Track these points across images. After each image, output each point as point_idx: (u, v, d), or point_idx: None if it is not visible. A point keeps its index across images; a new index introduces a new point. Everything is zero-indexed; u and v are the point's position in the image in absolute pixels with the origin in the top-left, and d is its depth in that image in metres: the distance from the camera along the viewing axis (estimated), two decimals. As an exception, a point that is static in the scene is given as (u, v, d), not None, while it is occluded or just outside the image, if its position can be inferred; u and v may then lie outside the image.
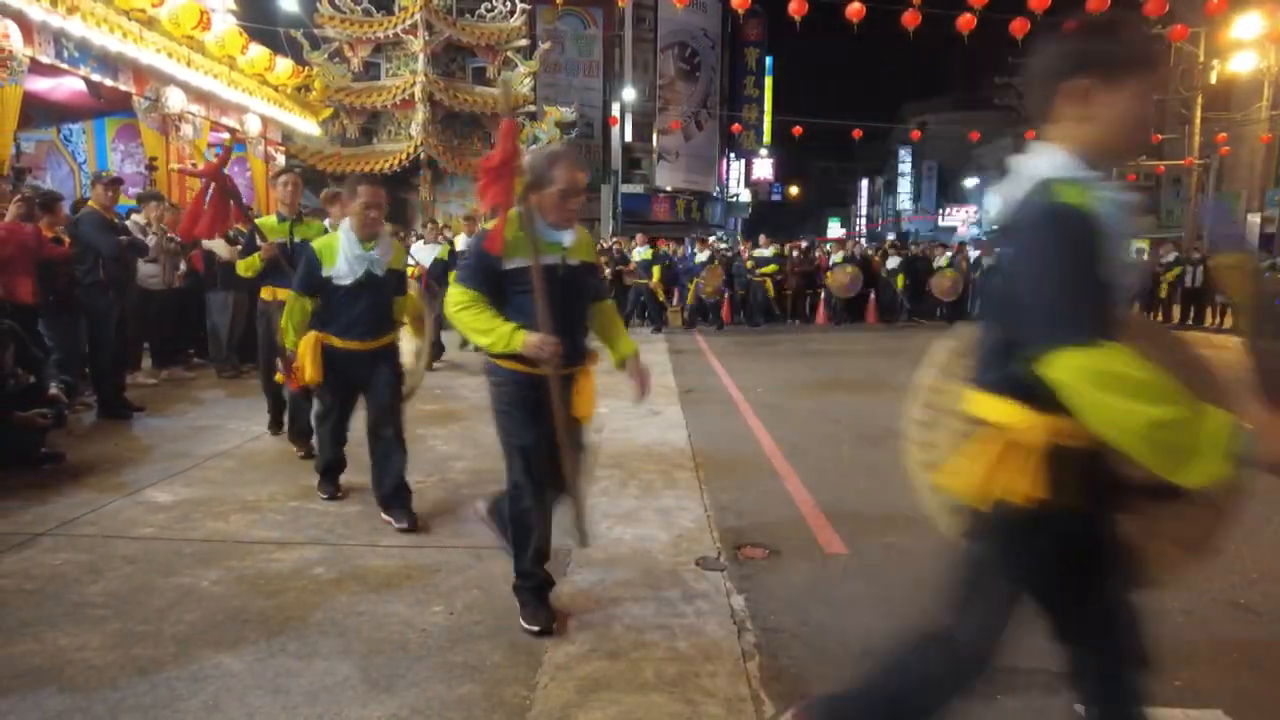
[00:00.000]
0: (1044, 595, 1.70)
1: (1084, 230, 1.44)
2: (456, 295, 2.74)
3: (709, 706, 2.39)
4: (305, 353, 3.85)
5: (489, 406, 2.90)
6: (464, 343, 10.43)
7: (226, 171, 5.41)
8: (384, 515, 3.94)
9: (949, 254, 16.76)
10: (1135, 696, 1.70)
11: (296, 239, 5.06)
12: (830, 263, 16.07)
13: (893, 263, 16.55)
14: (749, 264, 15.54)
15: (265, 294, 5.19)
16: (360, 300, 3.84)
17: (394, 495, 3.93)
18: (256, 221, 5.19)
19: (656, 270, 14.08)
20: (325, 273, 3.80)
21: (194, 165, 9.56)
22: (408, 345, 4.54)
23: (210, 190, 5.20)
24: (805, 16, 13.46)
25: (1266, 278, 2.17)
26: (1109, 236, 1.46)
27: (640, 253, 14.48)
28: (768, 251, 15.72)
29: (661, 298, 14.17)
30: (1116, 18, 1.61)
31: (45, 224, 6.06)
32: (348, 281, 3.80)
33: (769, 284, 15.37)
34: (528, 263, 2.67)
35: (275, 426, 5.61)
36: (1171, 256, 16.87)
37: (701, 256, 15.41)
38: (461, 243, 10.43)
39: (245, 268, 5.14)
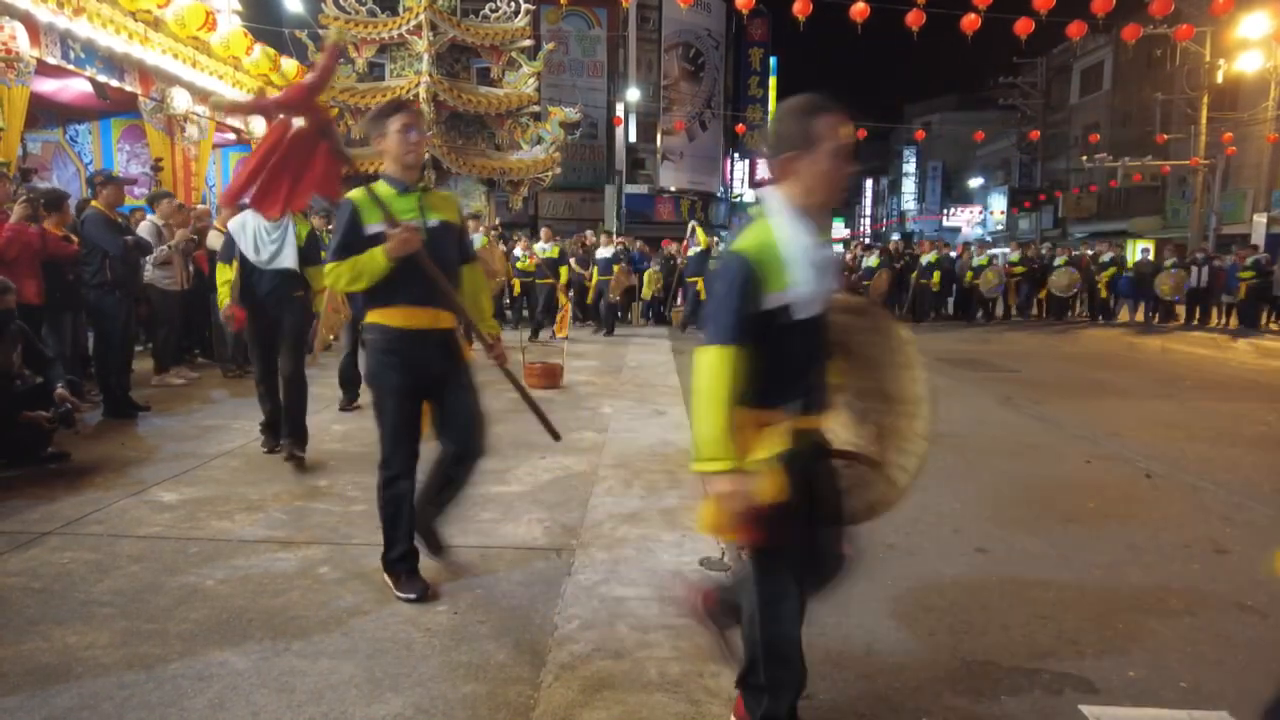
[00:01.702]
0: None
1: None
2: None
3: (712, 706, 2.40)
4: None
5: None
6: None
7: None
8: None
9: (876, 254, 16.75)
10: None
11: (430, 221, 3.00)
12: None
13: None
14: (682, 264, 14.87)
15: (384, 319, 2.99)
16: (821, 342, 2.09)
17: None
18: (374, 188, 2.92)
19: (564, 270, 13.45)
20: (775, 299, 1.92)
21: (261, 94, 7.25)
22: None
23: (289, 133, 2.83)
24: (809, 17, 13.44)
25: None
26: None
27: (543, 249, 13.35)
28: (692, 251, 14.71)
29: (563, 301, 12.09)
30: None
31: (54, 223, 6.09)
32: (813, 312, 2.00)
33: (700, 285, 14.38)
34: None
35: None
36: (1107, 257, 17.46)
37: (874, 259, 15.53)
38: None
39: (354, 275, 2.87)
